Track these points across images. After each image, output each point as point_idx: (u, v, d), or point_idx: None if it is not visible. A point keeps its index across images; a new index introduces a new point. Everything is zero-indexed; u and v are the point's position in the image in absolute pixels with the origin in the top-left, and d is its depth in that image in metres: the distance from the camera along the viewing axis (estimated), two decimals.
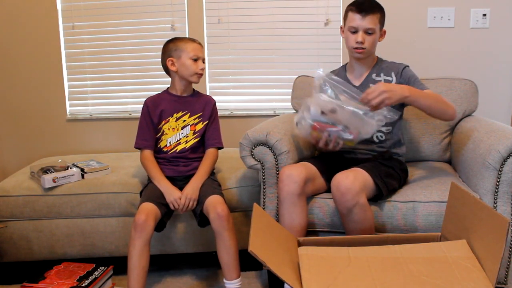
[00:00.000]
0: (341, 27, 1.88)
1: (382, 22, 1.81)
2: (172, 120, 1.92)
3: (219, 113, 2.03)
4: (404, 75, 1.85)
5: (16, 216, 1.97)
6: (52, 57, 2.67)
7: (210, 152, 1.94)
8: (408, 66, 1.88)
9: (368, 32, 1.77)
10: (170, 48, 1.90)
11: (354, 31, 1.78)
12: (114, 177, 2.03)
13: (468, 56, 2.56)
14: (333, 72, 2.00)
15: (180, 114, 1.93)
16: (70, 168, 2.06)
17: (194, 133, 1.93)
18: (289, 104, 2.33)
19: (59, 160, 2.20)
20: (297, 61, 2.64)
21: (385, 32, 1.84)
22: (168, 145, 1.92)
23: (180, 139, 1.92)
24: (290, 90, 2.32)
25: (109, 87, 2.75)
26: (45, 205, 1.96)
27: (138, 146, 1.91)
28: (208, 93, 2.69)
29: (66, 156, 2.50)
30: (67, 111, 2.75)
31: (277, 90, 2.69)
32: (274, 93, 2.70)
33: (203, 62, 1.91)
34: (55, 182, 1.97)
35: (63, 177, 1.99)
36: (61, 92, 2.72)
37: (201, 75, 1.91)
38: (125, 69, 2.71)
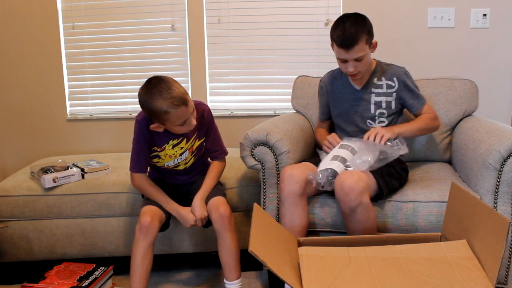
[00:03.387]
0: (331, 45, 1.80)
1: (370, 40, 1.76)
2: (168, 147, 1.76)
3: (219, 113, 2.01)
4: (406, 86, 1.85)
5: (16, 216, 1.97)
6: (52, 57, 2.67)
7: (215, 164, 1.86)
8: (406, 70, 1.88)
9: (358, 59, 1.73)
10: (148, 111, 1.61)
11: (343, 61, 1.76)
12: (114, 177, 2.03)
13: (468, 56, 2.56)
14: (333, 72, 2.00)
15: (176, 141, 1.76)
16: (70, 168, 2.06)
17: (192, 153, 1.82)
18: (289, 104, 2.33)
19: (59, 160, 2.20)
20: (297, 61, 2.64)
21: (376, 43, 1.80)
22: (165, 166, 1.82)
23: (179, 162, 1.82)
24: (290, 90, 2.32)
25: (109, 87, 2.75)
26: (45, 205, 1.96)
27: (136, 171, 1.76)
28: (208, 93, 2.69)
29: (66, 156, 2.50)
30: (67, 111, 2.75)
31: (277, 90, 2.69)
32: (274, 93, 2.70)
33: (193, 112, 1.65)
34: (55, 182, 1.97)
35: (63, 177, 1.99)
36: (61, 92, 2.72)
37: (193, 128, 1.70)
38: (125, 69, 2.71)
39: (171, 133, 1.74)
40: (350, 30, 1.68)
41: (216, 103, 1.95)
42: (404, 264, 1.26)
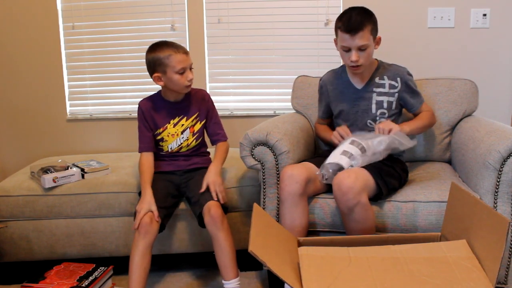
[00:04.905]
0: (334, 40, 1.83)
1: (374, 32, 1.77)
2: (170, 126, 1.90)
3: (220, 113, 2.03)
4: (408, 86, 1.86)
5: (16, 216, 1.97)
6: (52, 57, 2.67)
7: (220, 144, 1.94)
8: (408, 70, 1.88)
9: (361, 49, 1.74)
10: (152, 61, 1.78)
11: (347, 50, 1.75)
12: (114, 177, 2.03)
13: (468, 56, 2.56)
14: (334, 71, 2.00)
15: (177, 119, 1.91)
16: (70, 168, 2.06)
17: (193, 135, 1.93)
18: (289, 104, 2.33)
19: (59, 160, 2.20)
20: (297, 61, 2.64)
21: (380, 38, 1.80)
22: (169, 150, 1.93)
23: (182, 143, 1.92)
24: (290, 90, 2.32)
25: (109, 87, 2.75)
26: (45, 205, 1.96)
27: (140, 150, 1.89)
28: None
29: (66, 156, 2.50)
30: (67, 111, 2.75)
31: (277, 90, 2.69)
32: (274, 93, 2.70)
33: (191, 69, 1.82)
34: (55, 182, 1.97)
35: (63, 177, 1.99)
36: (61, 92, 2.72)
37: (190, 85, 1.84)
38: (125, 69, 2.71)
39: (170, 112, 1.89)
40: (357, 17, 1.71)
41: (216, 103, 1.96)
42: (404, 264, 1.26)
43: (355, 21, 1.70)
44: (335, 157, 1.71)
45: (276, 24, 2.61)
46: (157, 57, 1.77)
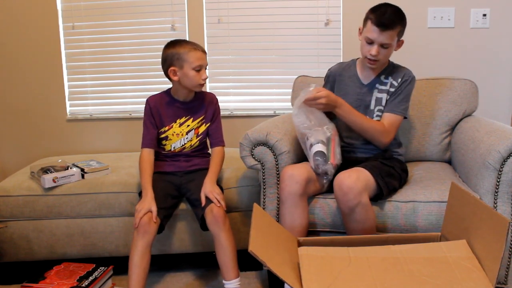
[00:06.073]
0: (359, 29, 1.81)
1: (401, 35, 1.77)
2: (175, 126, 1.90)
3: (220, 113, 2.03)
4: (401, 87, 1.83)
5: (16, 216, 1.97)
6: (52, 57, 2.67)
7: (217, 150, 1.94)
8: (414, 78, 1.86)
9: (384, 46, 1.73)
10: (171, 55, 1.82)
11: (370, 42, 1.74)
12: (114, 177, 2.03)
13: (468, 56, 2.56)
14: (343, 63, 1.99)
15: (183, 119, 1.91)
16: (70, 168, 2.06)
17: (197, 136, 1.94)
18: (289, 104, 2.33)
19: (59, 160, 2.20)
20: (297, 61, 2.64)
21: (402, 42, 1.80)
22: (172, 150, 1.93)
23: (185, 144, 1.92)
24: (290, 90, 2.32)
25: (109, 87, 2.75)
26: (45, 205, 1.96)
27: (143, 146, 1.89)
28: None
29: (66, 156, 2.50)
30: (67, 111, 2.75)
31: (277, 90, 2.69)
32: (274, 93, 2.70)
33: (206, 68, 1.86)
34: (55, 182, 1.97)
35: (63, 177, 1.99)
36: (61, 92, 2.72)
37: (203, 85, 1.86)
38: (125, 69, 2.71)
39: (178, 112, 1.90)
40: (392, 15, 1.71)
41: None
42: (404, 264, 1.26)
43: (388, 18, 1.69)
44: (312, 152, 1.74)
45: (276, 24, 2.61)
46: (177, 51, 1.80)
